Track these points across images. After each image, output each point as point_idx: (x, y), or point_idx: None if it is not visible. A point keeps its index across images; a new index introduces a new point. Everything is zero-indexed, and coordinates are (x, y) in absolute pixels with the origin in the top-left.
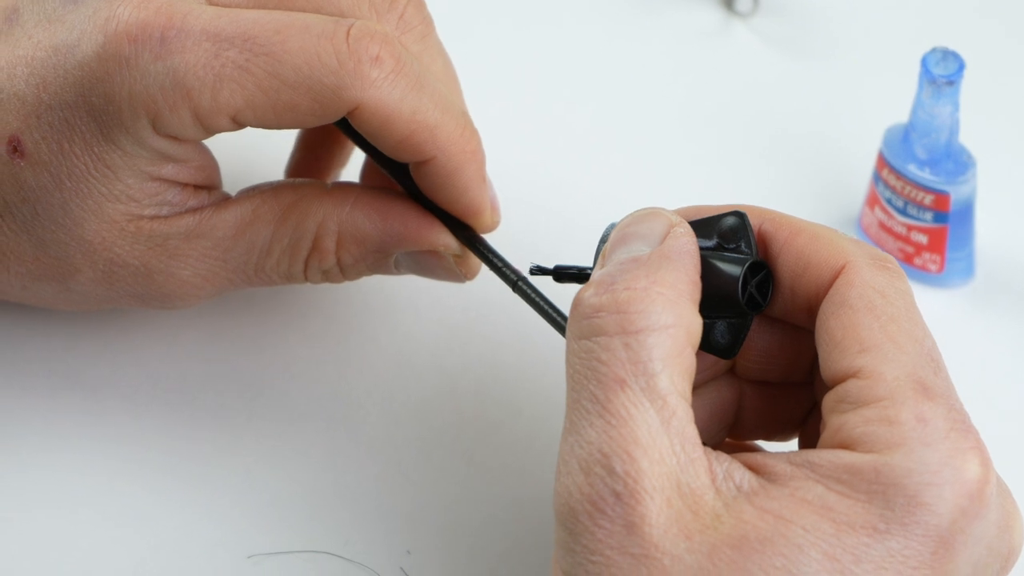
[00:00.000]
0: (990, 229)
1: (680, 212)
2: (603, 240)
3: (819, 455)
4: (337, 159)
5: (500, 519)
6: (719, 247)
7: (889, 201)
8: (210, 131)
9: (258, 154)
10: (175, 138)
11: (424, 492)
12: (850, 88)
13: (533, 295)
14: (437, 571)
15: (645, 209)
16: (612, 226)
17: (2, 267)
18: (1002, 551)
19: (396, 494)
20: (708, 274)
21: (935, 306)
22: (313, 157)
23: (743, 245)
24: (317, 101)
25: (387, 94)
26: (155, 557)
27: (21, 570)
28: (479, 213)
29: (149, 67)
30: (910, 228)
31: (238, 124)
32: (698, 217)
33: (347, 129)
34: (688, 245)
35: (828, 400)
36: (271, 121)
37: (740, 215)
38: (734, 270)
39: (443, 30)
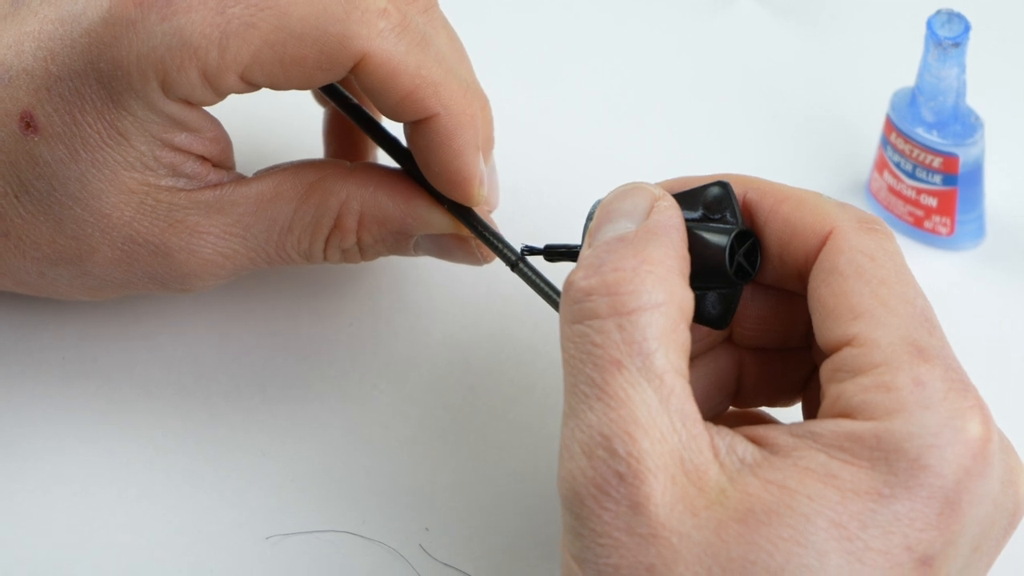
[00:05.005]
0: (999, 190)
1: (664, 185)
2: (590, 217)
3: (820, 425)
4: (367, 147)
5: (516, 494)
6: (704, 218)
7: (898, 165)
8: (219, 92)
9: (274, 149)
10: (186, 102)
11: (440, 469)
12: (856, 53)
13: (532, 275)
14: (455, 547)
15: (628, 184)
16: (598, 203)
17: (19, 252)
18: (1008, 507)
19: (412, 472)
20: (695, 246)
21: (946, 269)
22: (343, 147)
23: (728, 215)
24: (324, 52)
25: (393, 45)
26: (173, 540)
27: (38, 554)
28: (469, 181)
29: (155, 28)
30: (919, 191)
31: (247, 83)
32: (682, 189)
33: (340, 99)
34: (673, 219)
35: (825, 369)
36: (279, 77)
37: (724, 185)
38: (720, 240)
39: (448, 11)
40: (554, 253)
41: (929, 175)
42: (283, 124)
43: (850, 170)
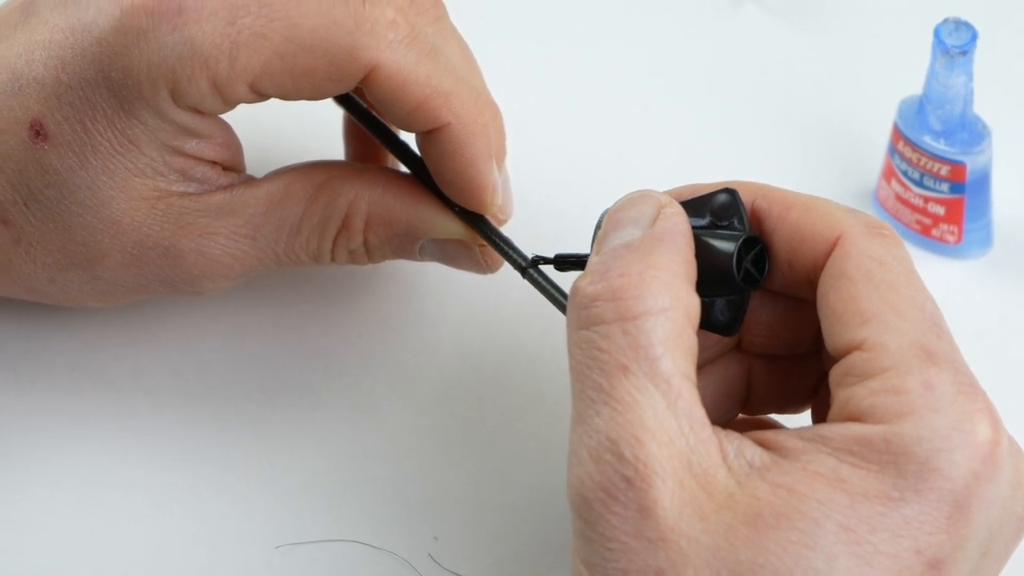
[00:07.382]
0: (1007, 198)
1: (672, 192)
2: (598, 226)
3: (829, 428)
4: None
5: (525, 503)
6: (712, 225)
7: (905, 173)
8: (229, 102)
9: (284, 151)
10: (196, 110)
11: (449, 479)
12: (863, 61)
13: (542, 281)
14: (464, 556)
15: (635, 192)
16: (606, 212)
17: (29, 259)
18: (1017, 511)
19: (421, 481)
20: (702, 253)
21: (953, 277)
22: (362, 148)
23: (736, 222)
24: (334, 64)
25: (403, 56)
26: (181, 550)
27: (41, 562)
28: (482, 189)
29: (166, 38)
30: (927, 200)
31: (257, 93)
32: (690, 197)
33: (352, 107)
34: (679, 225)
35: (835, 374)
36: (288, 88)
37: (731, 192)
38: (727, 247)
39: (457, 22)
40: (564, 262)
41: (936, 183)
42: (294, 126)
43: (857, 178)
